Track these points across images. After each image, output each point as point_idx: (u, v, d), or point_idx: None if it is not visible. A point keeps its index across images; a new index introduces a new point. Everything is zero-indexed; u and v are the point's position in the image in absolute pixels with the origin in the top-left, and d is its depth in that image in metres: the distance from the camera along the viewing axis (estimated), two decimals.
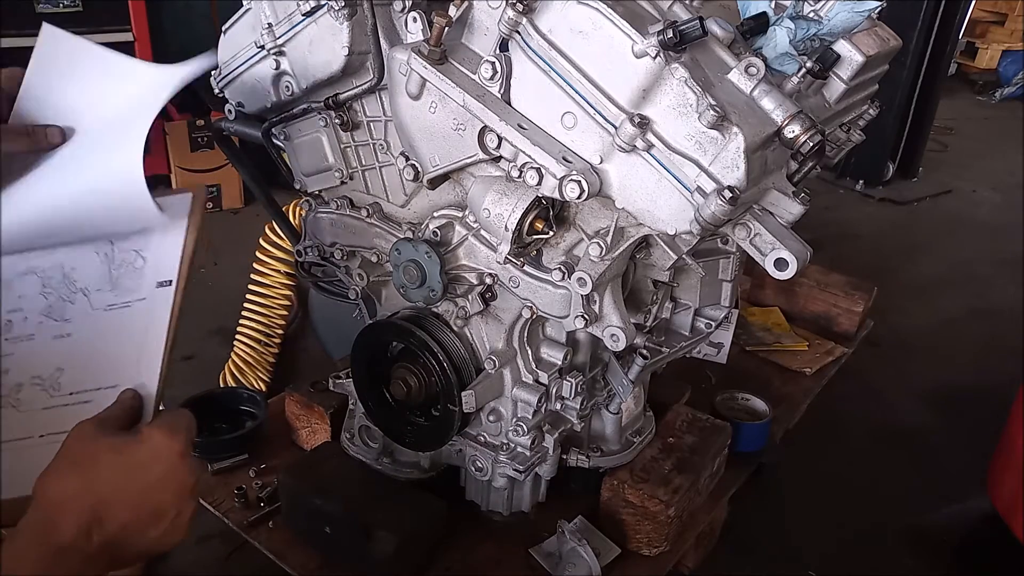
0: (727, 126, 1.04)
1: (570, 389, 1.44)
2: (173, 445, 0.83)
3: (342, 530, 1.48)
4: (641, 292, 1.50)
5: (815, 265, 2.49)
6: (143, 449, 0.82)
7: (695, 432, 1.71)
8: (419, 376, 1.44)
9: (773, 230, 1.15)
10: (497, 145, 1.17)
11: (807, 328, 2.46)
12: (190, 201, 1.03)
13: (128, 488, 0.80)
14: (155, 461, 0.82)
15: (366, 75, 1.33)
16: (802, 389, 2.19)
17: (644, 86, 1.06)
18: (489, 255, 1.33)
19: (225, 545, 1.92)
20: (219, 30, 1.47)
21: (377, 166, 1.46)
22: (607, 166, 1.12)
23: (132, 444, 0.82)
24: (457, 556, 1.55)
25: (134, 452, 0.82)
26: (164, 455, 0.82)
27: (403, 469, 1.65)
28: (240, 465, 1.75)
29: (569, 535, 1.48)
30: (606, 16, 1.06)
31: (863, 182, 4.99)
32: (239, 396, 1.96)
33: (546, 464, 1.50)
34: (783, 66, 1.24)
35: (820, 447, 2.46)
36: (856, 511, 2.28)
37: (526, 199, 1.18)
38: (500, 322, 1.41)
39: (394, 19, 1.30)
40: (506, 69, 1.14)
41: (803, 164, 1.20)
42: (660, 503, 1.52)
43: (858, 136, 1.58)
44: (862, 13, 1.26)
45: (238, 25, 1.43)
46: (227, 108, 1.53)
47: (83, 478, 0.79)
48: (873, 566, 2.12)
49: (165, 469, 0.82)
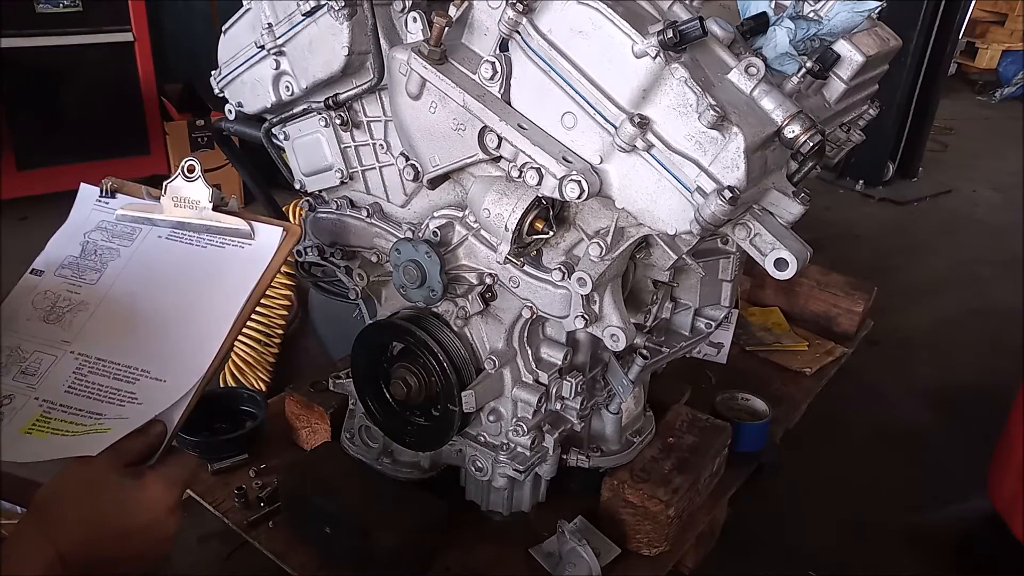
0: (727, 126, 1.04)
1: (570, 389, 1.44)
2: (166, 499, 0.85)
3: (342, 530, 1.48)
4: (641, 292, 1.50)
5: (815, 265, 2.49)
6: (137, 497, 0.84)
7: (695, 432, 1.71)
8: (419, 376, 1.44)
9: (773, 230, 1.15)
10: (497, 145, 1.17)
11: (807, 328, 2.46)
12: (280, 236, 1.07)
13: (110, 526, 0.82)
14: (144, 510, 0.84)
15: (366, 75, 1.33)
16: (802, 389, 2.19)
17: (644, 86, 1.06)
18: (489, 255, 1.33)
19: (225, 545, 1.91)
20: (219, 30, 1.48)
21: (377, 166, 1.46)
22: (607, 166, 1.12)
23: (130, 489, 0.84)
24: (457, 556, 1.55)
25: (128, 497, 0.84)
26: (154, 507, 0.84)
27: (403, 469, 1.65)
28: (240, 465, 1.75)
29: (569, 535, 1.48)
30: (606, 16, 1.06)
31: (863, 182, 4.99)
32: (239, 396, 1.96)
33: (546, 464, 1.50)
34: (783, 66, 1.24)
35: (820, 447, 2.46)
36: (856, 511, 2.28)
37: (526, 199, 1.18)
38: (500, 322, 1.41)
39: (394, 19, 1.30)
40: (506, 69, 1.14)
41: (803, 164, 1.20)
42: (660, 503, 1.52)
43: (858, 136, 1.58)
44: (862, 13, 1.26)
45: (238, 25, 1.44)
46: (227, 108, 1.53)
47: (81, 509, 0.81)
48: (873, 566, 2.12)
49: (150, 519, 0.84)
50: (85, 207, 1.15)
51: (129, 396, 0.94)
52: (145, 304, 1.04)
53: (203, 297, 1.04)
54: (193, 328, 1.00)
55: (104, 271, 1.08)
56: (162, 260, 1.09)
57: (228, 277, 1.05)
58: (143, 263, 1.08)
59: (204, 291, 1.04)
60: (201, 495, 1.67)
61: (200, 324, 1.00)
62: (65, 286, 1.06)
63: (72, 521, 0.80)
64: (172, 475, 0.88)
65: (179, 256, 1.09)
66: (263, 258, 1.06)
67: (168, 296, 1.05)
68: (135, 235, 1.11)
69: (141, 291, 1.06)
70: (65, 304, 1.04)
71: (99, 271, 1.08)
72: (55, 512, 0.80)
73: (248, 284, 1.03)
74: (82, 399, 0.93)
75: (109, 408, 0.93)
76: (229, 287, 1.03)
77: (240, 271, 1.05)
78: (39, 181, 3.60)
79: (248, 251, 1.07)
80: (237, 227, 1.09)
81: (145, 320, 1.02)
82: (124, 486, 0.84)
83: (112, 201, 1.14)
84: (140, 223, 1.12)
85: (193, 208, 1.11)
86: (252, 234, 1.08)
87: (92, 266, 1.09)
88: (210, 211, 1.10)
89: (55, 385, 0.95)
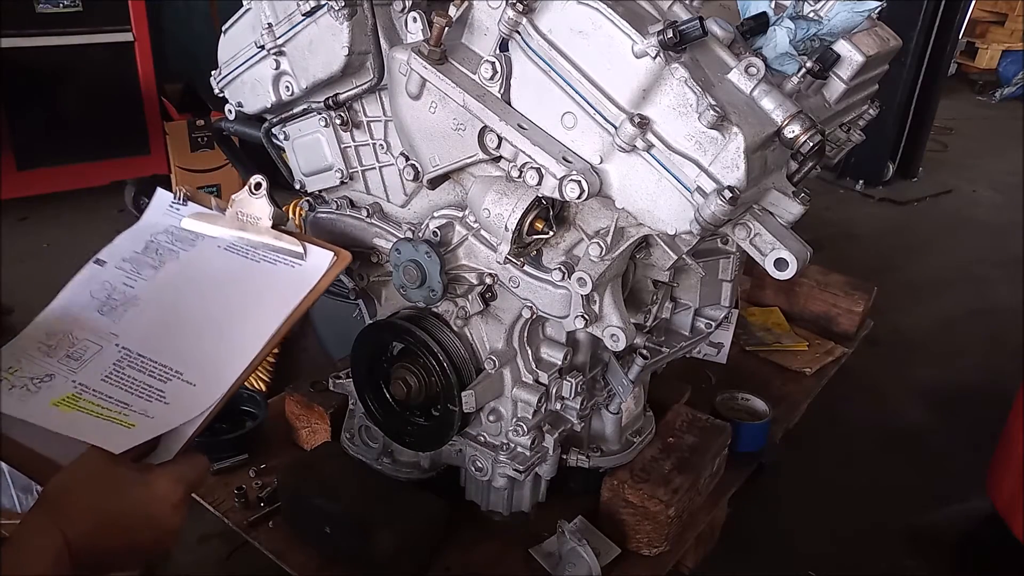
0: (727, 126, 1.04)
1: (570, 389, 1.44)
2: (173, 495, 0.87)
3: (342, 530, 1.48)
4: (641, 292, 1.50)
5: (815, 265, 2.49)
6: (144, 491, 0.86)
7: (695, 432, 1.71)
8: (419, 376, 1.44)
9: (773, 230, 1.15)
10: (497, 145, 1.17)
11: (807, 328, 2.46)
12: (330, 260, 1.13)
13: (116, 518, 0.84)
14: (150, 503, 0.86)
15: (366, 75, 1.33)
16: (802, 389, 2.19)
17: (644, 86, 1.06)
18: (489, 255, 1.33)
19: (225, 545, 1.92)
20: (219, 30, 1.48)
21: (377, 166, 1.46)
22: (607, 166, 1.12)
23: (138, 484, 0.86)
24: (457, 556, 1.55)
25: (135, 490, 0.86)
26: (160, 502, 0.86)
27: (403, 469, 1.65)
28: (240, 465, 1.75)
29: (569, 535, 1.48)
30: (606, 16, 1.06)
31: (863, 182, 4.99)
32: (239, 396, 1.96)
33: (546, 464, 1.50)
34: (783, 66, 1.24)
35: (820, 447, 2.45)
36: (856, 511, 2.28)
37: (526, 199, 1.18)
38: (500, 322, 1.41)
39: (394, 19, 1.30)
40: (506, 69, 1.14)
41: (803, 164, 1.20)
42: (660, 503, 1.52)
43: (858, 136, 1.58)
44: (862, 13, 1.26)
45: (238, 25, 1.44)
46: (227, 108, 1.53)
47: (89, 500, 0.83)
48: (873, 566, 2.12)
49: (156, 513, 0.86)
50: (158, 210, 1.21)
51: (159, 394, 0.97)
52: (191, 306, 1.09)
53: (246, 309, 1.08)
54: (231, 338, 1.04)
55: (161, 269, 1.13)
56: (216, 267, 1.14)
57: (274, 293, 1.09)
58: (198, 268, 1.14)
59: (249, 303, 1.09)
60: (201, 495, 1.67)
61: (238, 335, 1.04)
62: (123, 278, 1.11)
63: (80, 511, 0.81)
64: (180, 472, 0.90)
65: (232, 266, 1.14)
66: (311, 279, 1.11)
67: (214, 302, 1.10)
68: (196, 241, 1.17)
69: (190, 293, 1.11)
70: (120, 296, 1.09)
71: (156, 268, 1.13)
72: (64, 502, 0.82)
73: (291, 302, 1.08)
74: (115, 388, 0.97)
75: (137, 401, 0.96)
76: (273, 303, 1.08)
77: (286, 289, 1.10)
78: (39, 181, 3.59)
79: (297, 271, 1.13)
80: (291, 247, 1.14)
81: (188, 322, 1.07)
82: (132, 480, 0.86)
83: (183, 208, 1.21)
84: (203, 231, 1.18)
85: (254, 223, 1.17)
86: (304, 255, 1.13)
87: (151, 263, 1.14)
88: (269, 228, 1.17)
89: (94, 372, 0.99)
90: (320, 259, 1.14)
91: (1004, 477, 2.10)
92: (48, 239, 3.59)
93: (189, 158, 3.88)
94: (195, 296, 1.11)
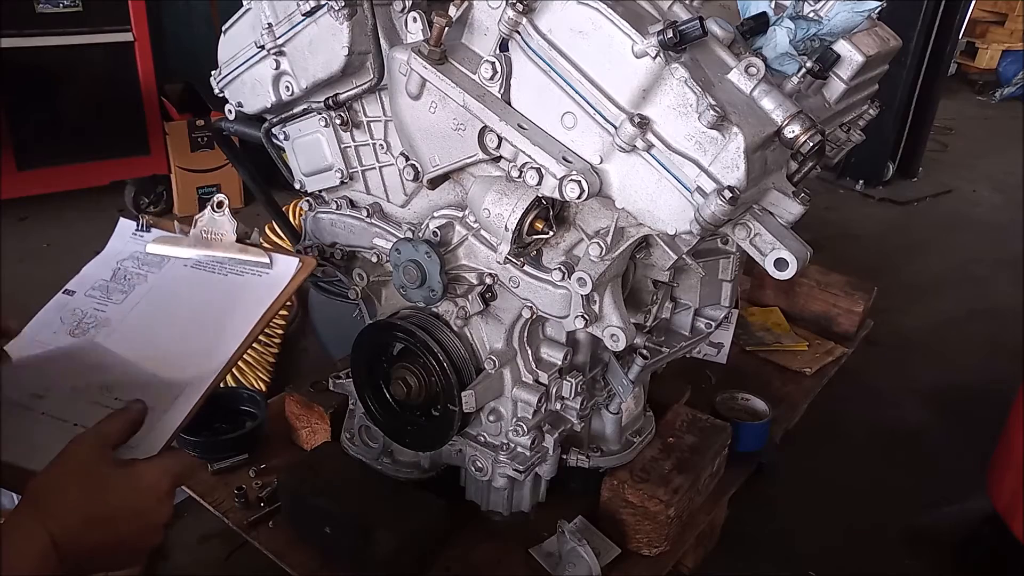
0: (727, 126, 1.04)
1: (570, 389, 1.44)
2: (157, 487, 0.87)
3: (342, 530, 1.48)
4: (641, 292, 1.50)
5: (815, 265, 2.49)
6: (128, 484, 0.86)
7: (695, 432, 1.71)
8: (419, 376, 1.44)
9: (773, 230, 1.15)
10: (497, 145, 1.17)
11: (807, 328, 2.46)
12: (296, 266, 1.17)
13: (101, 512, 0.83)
14: (134, 496, 0.85)
15: (366, 75, 1.33)
16: (802, 389, 2.19)
17: (644, 86, 1.06)
18: (489, 255, 1.33)
19: (225, 545, 1.92)
20: (219, 30, 1.48)
21: (377, 166, 1.46)
22: (607, 166, 1.12)
23: (121, 476, 0.86)
24: (457, 556, 1.55)
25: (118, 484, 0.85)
26: (145, 494, 0.86)
27: (403, 469, 1.65)
28: (240, 465, 1.75)
29: (569, 535, 1.48)
30: (606, 16, 1.06)
31: (863, 182, 4.99)
32: (239, 396, 1.96)
33: (546, 464, 1.50)
34: (783, 66, 1.24)
35: (820, 447, 2.45)
36: (856, 511, 2.28)
37: (526, 199, 1.18)
38: (500, 322, 1.41)
39: (394, 19, 1.30)
40: (506, 69, 1.14)
41: (803, 164, 1.20)
42: (660, 503, 1.52)
43: (858, 136, 1.58)
44: (862, 13, 1.26)
45: (238, 25, 1.44)
46: (227, 108, 1.53)
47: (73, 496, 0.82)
48: (873, 566, 2.12)
49: (141, 506, 0.85)
50: (122, 238, 1.26)
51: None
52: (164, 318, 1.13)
53: (218, 316, 1.12)
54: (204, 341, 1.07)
55: (130, 293, 1.17)
56: (185, 284, 1.18)
57: (244, 301, 1.13)
58: (168, 287, 1.18)
59: (219, 311, 1.13)
60: (201, 495, 1.67)
61: (211, 338, 1.07)
62: (93, 305, 1.15)
63: (65, 508, 0.81)
64: (165, 465, 0.90)
65: (200, 281, 1.18)
66: (278, 285, 1.15)
67: (187, 313, 1.14)
68: (163, 263, 1.21)
69: (162, 308, 1.15)
70: (91, 321, 1.13)
71: (125, 293, 1.17)
72: (48, 500, 0.81)
73: (261, 307, 1.12)
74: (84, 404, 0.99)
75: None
76: (243, 309, 1.11)
77: (255, 296, 1.14)
78: (39, 181, 3.59)
79: (265, 279, 1.17)
80: (257, 258, 1.18)
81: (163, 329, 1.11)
82: (116, 474, 0.86)
83: (147, 234, 1.25)
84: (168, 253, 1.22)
85: (218, 240, 1.21)
86: (271, 264, 1.18)
87: (120, 288, 1.18)
88: (234, 242, 1.21)
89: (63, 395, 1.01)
90: (286, 266, 1.18)
91: (1004, 477, 2.10)
92: (48, 239, 3.59)
93: (189, 158, 3.88)
94: (167, 310, 1.15)
